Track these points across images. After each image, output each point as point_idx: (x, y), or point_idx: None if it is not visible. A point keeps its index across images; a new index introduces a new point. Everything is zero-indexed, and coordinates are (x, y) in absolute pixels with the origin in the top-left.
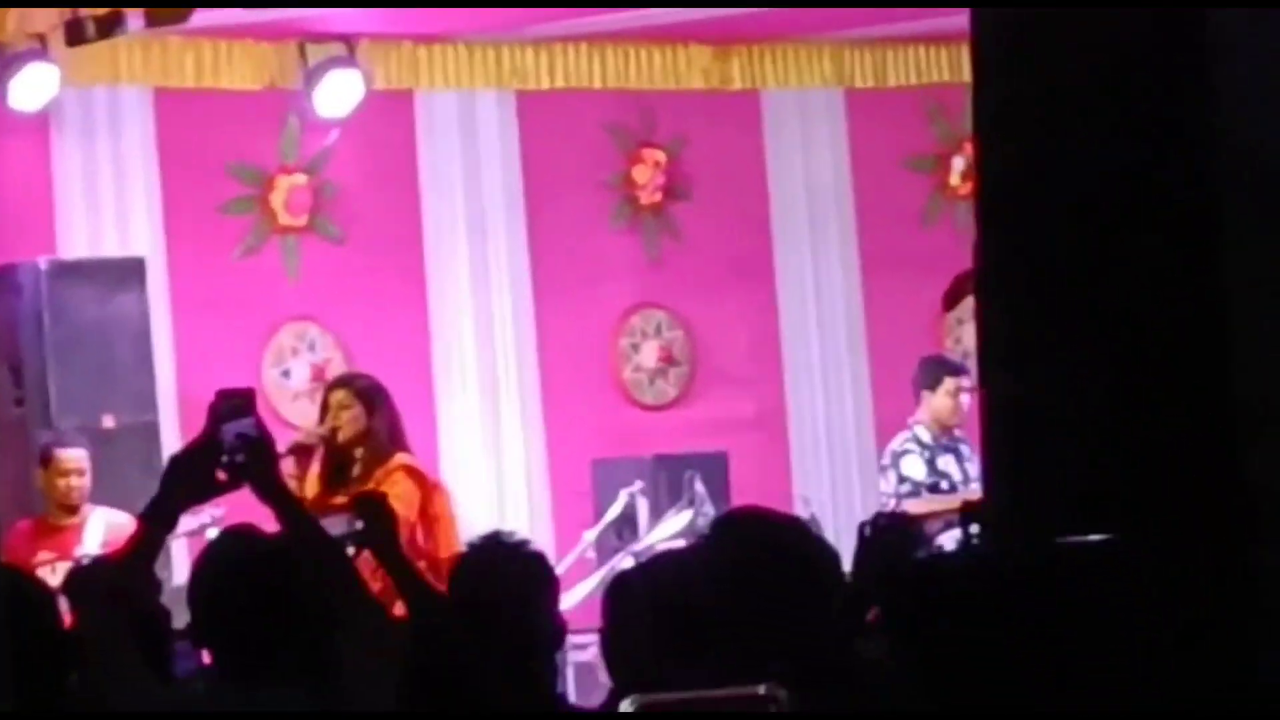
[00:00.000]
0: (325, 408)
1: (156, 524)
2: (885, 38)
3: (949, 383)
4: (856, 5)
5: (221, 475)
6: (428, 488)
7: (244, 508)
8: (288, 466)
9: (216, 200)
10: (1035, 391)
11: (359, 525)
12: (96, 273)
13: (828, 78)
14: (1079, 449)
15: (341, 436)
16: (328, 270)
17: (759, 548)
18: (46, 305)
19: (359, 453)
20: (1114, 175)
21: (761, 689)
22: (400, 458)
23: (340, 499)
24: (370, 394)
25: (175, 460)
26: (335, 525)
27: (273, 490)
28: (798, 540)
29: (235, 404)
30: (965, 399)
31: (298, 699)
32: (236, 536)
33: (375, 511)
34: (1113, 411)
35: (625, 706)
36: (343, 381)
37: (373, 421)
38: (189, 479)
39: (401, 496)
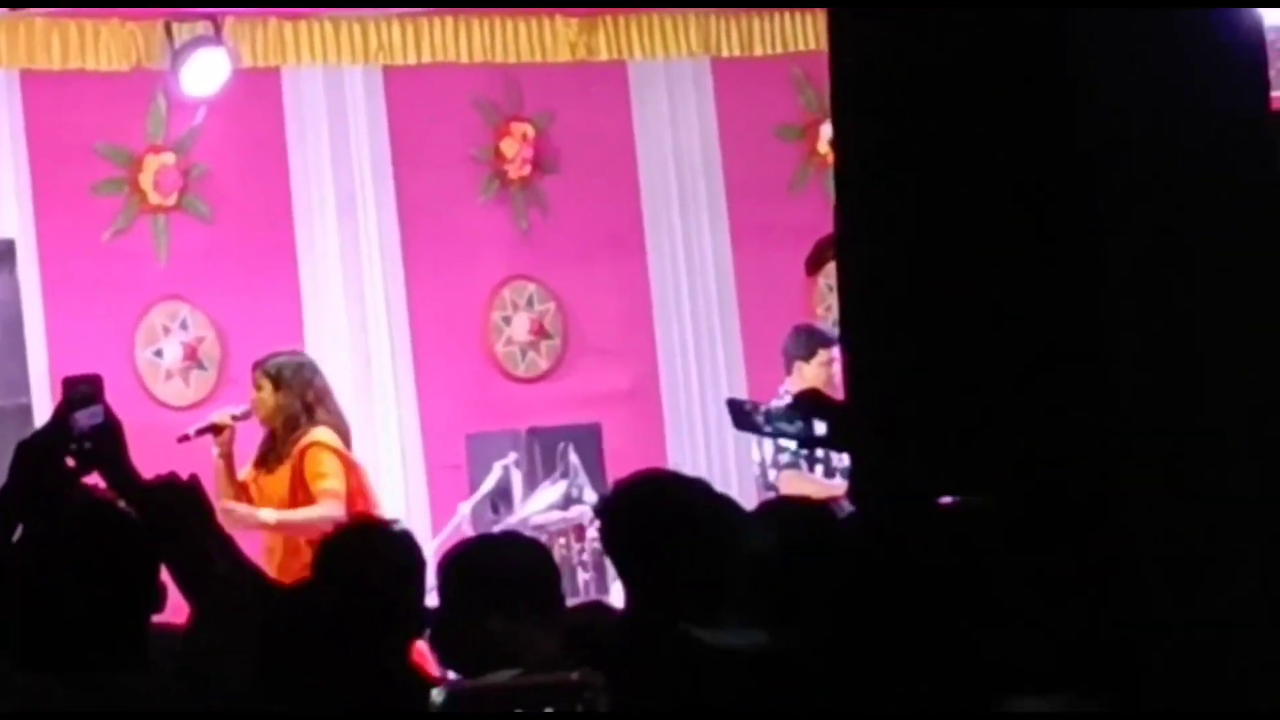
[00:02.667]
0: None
1: (6, 512)
2: (751, 5)
3: (823, 354)
4: None
5: (71, 462)
6: (346, 462)
7: None
8: (206, 445)
9: (85, 181)
10: (896, 355)
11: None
12: None
13: (694, 48)
14: (941, 411)
15: (257, 417)
16: (198, 249)
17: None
18: None
19: (279, 431)
20: (971, 141)
21: (575, 675)
22: (314, 433)
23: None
24: (277, 372)
25: (23, 447)
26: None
27: (121, 475)
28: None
29: (83, 391)
30: (837, 369)
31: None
32: (87, 508)
33: (165, 499)
34: (976, 374)
35: (435, 696)
36: (257, 362)
37: (280, 399)
38: (38, 466)
39: (327, 473)
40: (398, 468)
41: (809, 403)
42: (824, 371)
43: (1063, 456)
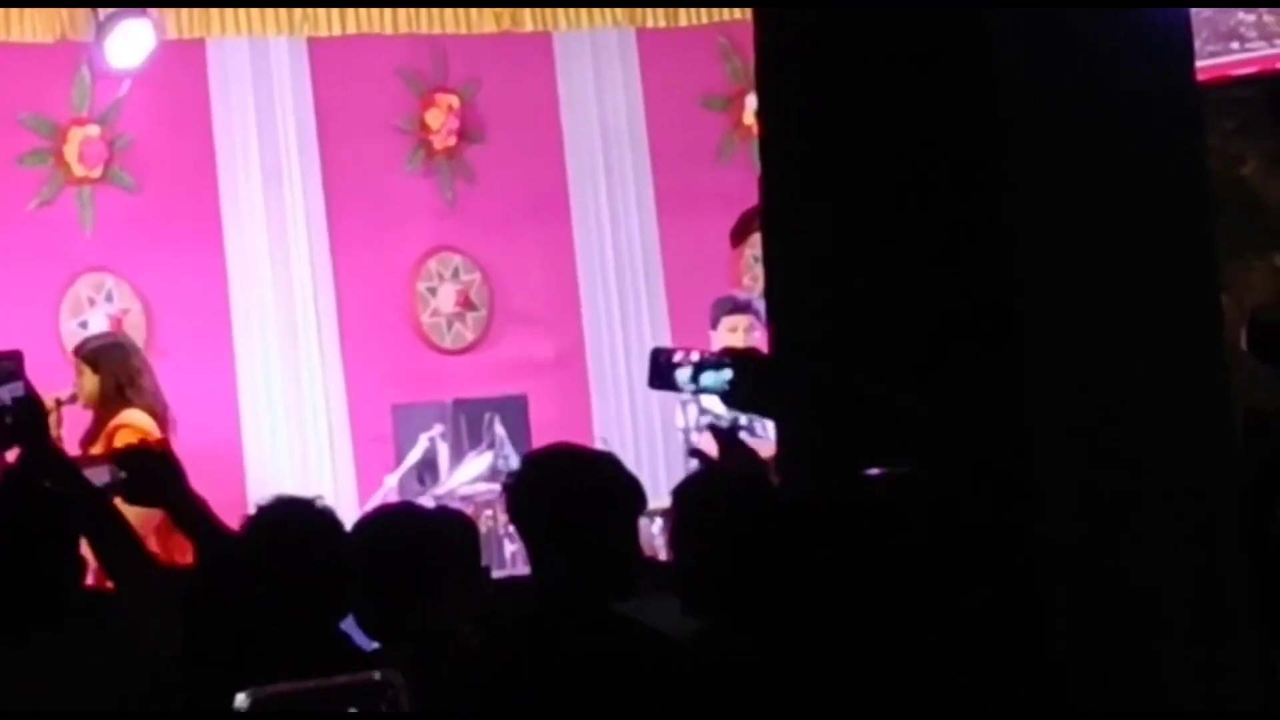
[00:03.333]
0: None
1: None
2: None
3: (727, 320)
4: None
5: None
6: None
7: None
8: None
9: (10, 153)
10: (820, 324)
11: (122, 475)
12: None
13: (619, 19)
14: (863, 380)
15: (80, 401)
16: (124, 221)
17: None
18: None
19: (98, 413)
20: (893, 113)
21: (377, 675)
22: (124, 415)
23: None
24: (92, 355)
25: None
26: (98, 476)
27: (43, 450)
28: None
29: (4, 367)
30: (755, 336)
31: (76, 646)
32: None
33: (141, 462)
34: (896, 343)
35: (239, 702)
36: (75, 348)
37: (98, 382)
38: None
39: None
40: (324, 439)
41: (739, 355)
42: (730, 338)
43: (979, 426)
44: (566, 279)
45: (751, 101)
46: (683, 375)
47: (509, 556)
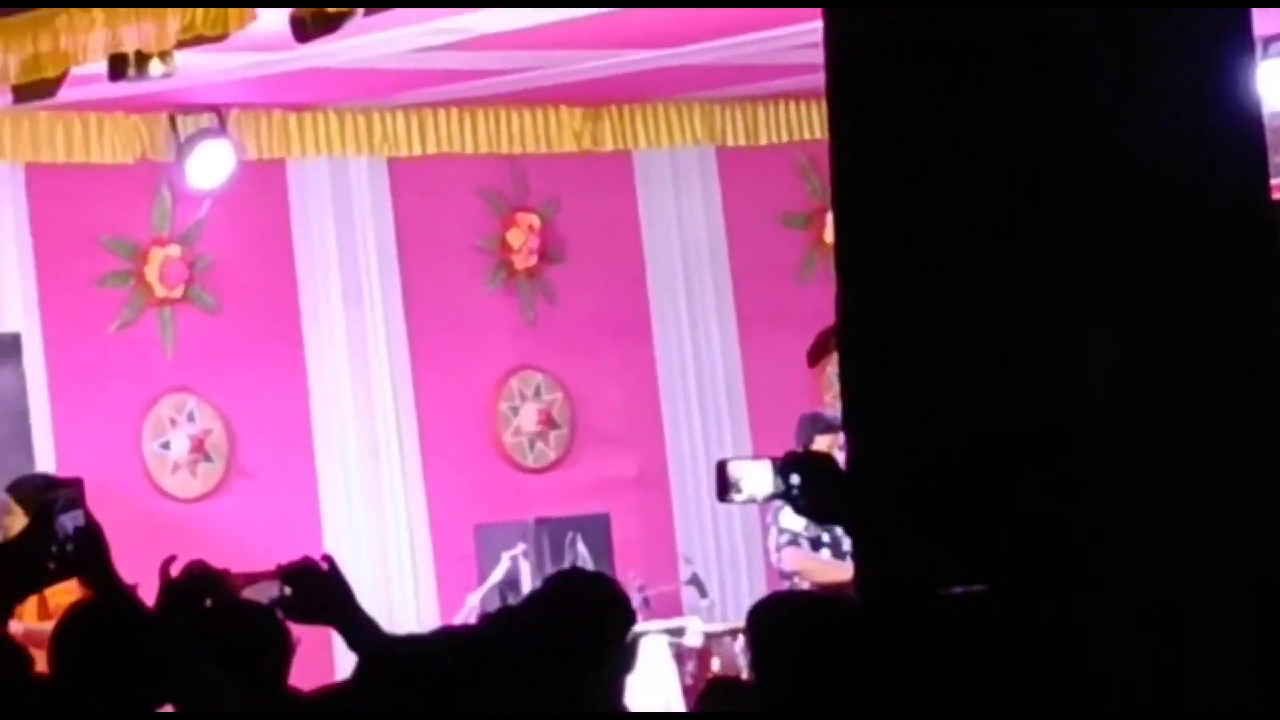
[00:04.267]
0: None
1: None
2: (755, 95)
3: (820, 440)
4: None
5: (51, 566)
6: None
7: None
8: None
9: (91, 274)
10: (896, 445)
11: (287, 592)
12: None
13: (699, 136)
14: (940, 501)
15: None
16: (204, 341)
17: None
18: None
19: None
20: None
21: None
22: None
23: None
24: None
25: (4, 550)
26: (263, 592)
27: (105, 579)
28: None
29: (66, 495)
30: (840, 456)
31: None
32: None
33: (308, 579)
34: (972, 466)
35: None
36: (9, 487)
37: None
38: (19, 570)
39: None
40: (406, 558)
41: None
42: None
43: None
44: (648, 397)
45: (832, 219)
46: (750, 484)
47: None
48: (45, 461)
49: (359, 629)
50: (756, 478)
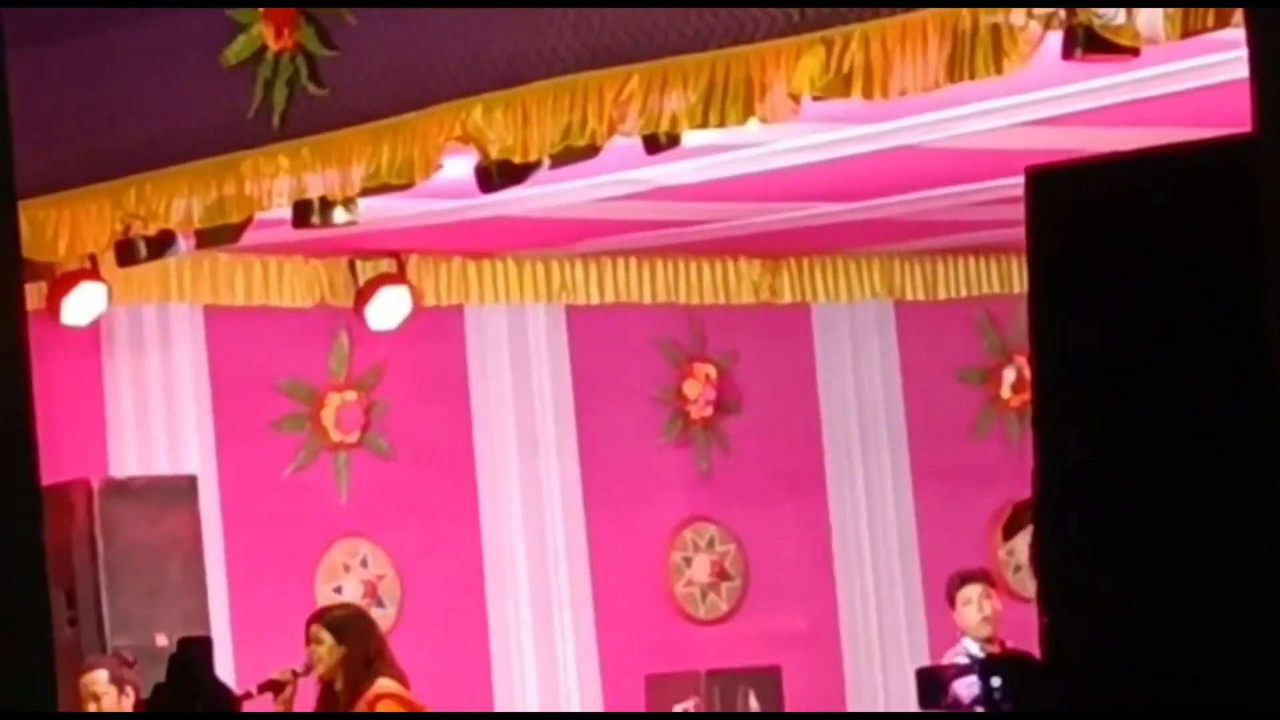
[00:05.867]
0: (307, 642)
1: None
2: (935, 250)
3: (961, 594)
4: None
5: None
6: (417, 711)
7: None
8: (267, 703)
9: (267, 417)
10: (1101, 629)
11: None
12: (148, 491)
13: (878, 290)
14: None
15: (316, 672)
16: (379, 486)
17: None
18: (99, 525)
19: (338, 685)
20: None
21: None
22: (381, 684)
23: None
24: (339, 625)
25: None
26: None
27: None
28: None
29: (199, 650)
30: (989, 606)
31: None
32: None
33: None
34: (1178, 647)
35: None
36: (315, 616)
37: (345, 652)
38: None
39: None
40: (576, 708)
41: (1002, 661)
42: (966, 611)
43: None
44: (821, 551)
45: (1008, 375)
46: (953, 688)
47: None
48: (219, 605)
49: None
50: (959, 682)
